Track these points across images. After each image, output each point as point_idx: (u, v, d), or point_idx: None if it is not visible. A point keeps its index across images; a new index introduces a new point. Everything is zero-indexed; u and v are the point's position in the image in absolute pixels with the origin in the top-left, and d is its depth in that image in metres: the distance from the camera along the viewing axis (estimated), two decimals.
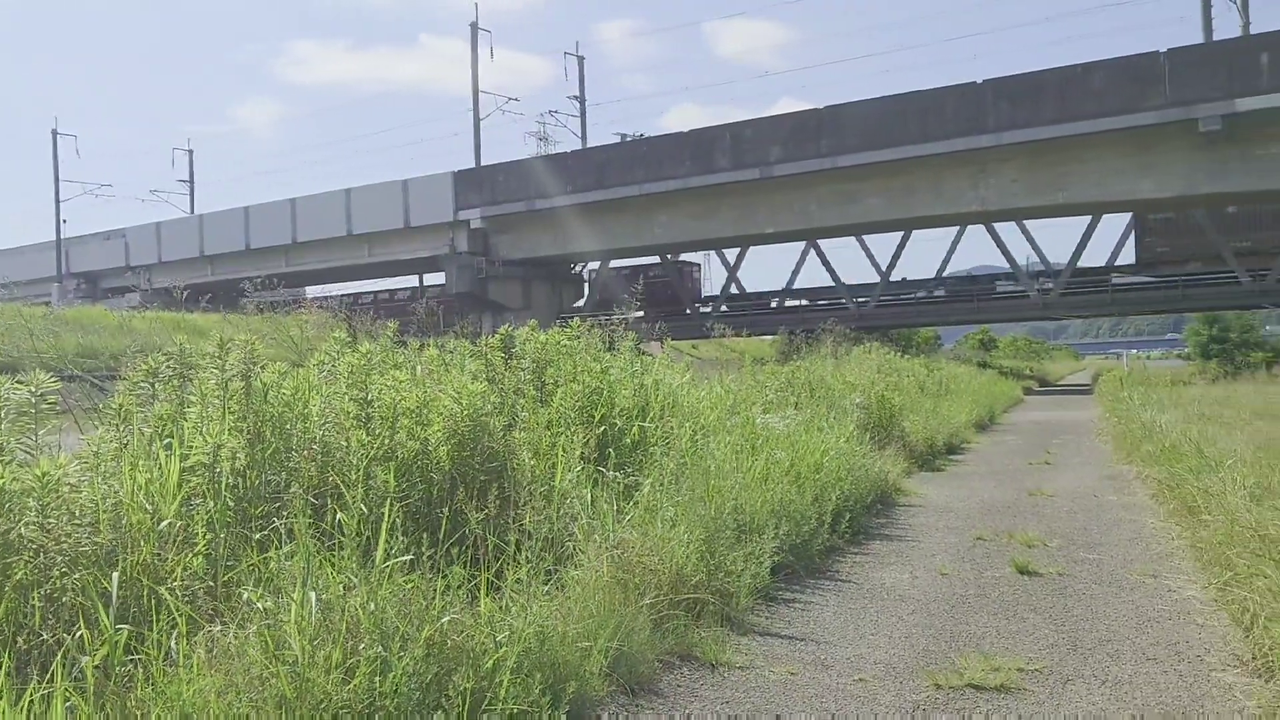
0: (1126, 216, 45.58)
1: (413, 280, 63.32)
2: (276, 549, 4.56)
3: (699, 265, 59.63)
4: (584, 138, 67.48)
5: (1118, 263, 47.25)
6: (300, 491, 5.04)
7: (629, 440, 8.10)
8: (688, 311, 53.00)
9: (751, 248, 53.69)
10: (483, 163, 58.45)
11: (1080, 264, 46.28)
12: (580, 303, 55.12)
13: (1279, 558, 5.69)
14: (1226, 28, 48.29)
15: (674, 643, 5.44)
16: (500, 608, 4.71)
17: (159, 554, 4.45)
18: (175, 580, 4.32)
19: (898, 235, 49.99)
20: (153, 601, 4.19)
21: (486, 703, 4.02)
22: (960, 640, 5.87)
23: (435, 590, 4.35)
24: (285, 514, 4.86)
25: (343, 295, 51.18)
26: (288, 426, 5.56)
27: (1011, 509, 10.85)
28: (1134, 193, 38.18)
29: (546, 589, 5.14)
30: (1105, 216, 45.04)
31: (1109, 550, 8.46)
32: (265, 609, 3.99)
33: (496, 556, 5.43)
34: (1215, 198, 39.31)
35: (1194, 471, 9.70)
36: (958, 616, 6.44)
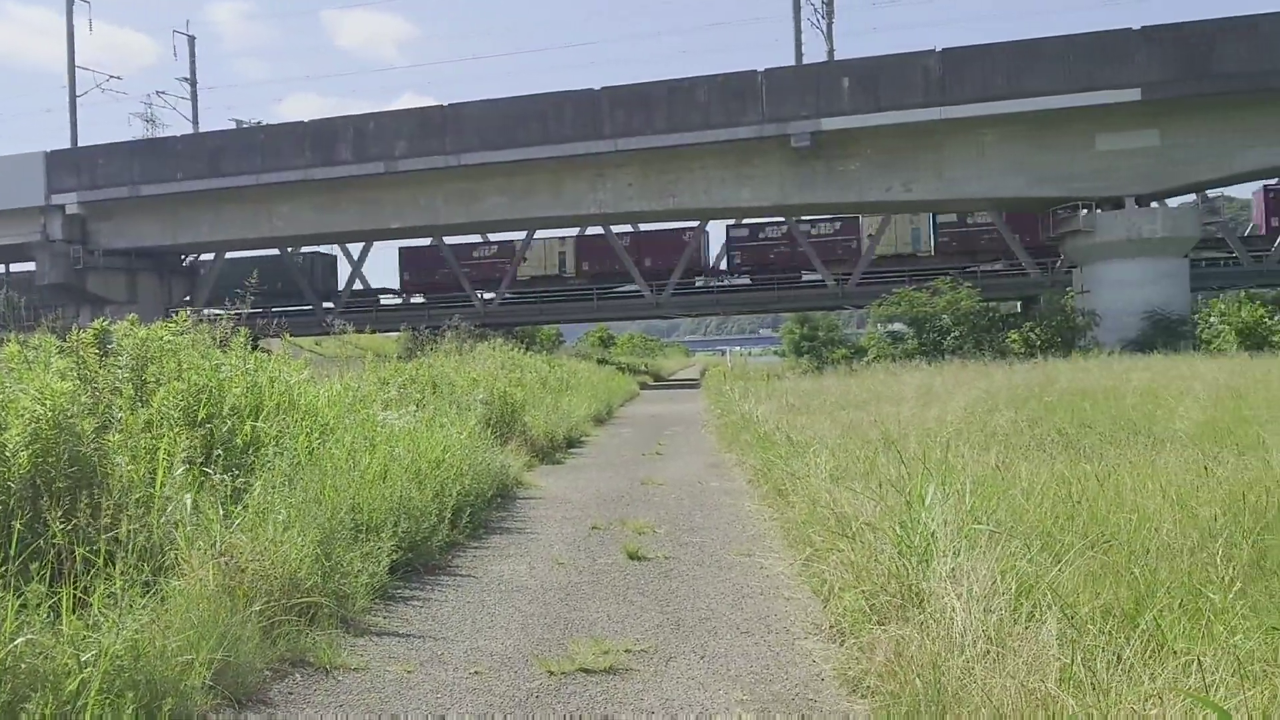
0: None
1: None
2: None
3: (334, 258, 57.70)
4: (196, 122, 63.74)
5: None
6: None
7: (240, 441, 7.73)
8: (309, 306, 51.32)
9: (378, 242, 52.73)
10: (81, 143, 53.65)
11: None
12: (193, 296, 51.84)
13: (852, 534, 6.32)
14: (815, 52, 53.00)
15: (286, 649, 5.27)
16: (89, 625, 4.35)
17: None
18: None
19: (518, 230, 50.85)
20: None
21: None
22: (574, 627, 6.09)
23: (8, 609, 3.95)
24: None
25: None
26: None
27: (625, 498, 11.37)
28: (735, 200, 41.19)
29: (144, 602, 4.80)
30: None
31: (710, 533, 9.08)
32: None
33: (86, 570, 5.00)
34: (804, 208, 43.26)
35: (783, 458, 10.59)
36: (572, 604, 6.67)
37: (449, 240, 52.32)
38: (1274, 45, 34.33)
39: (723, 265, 52.63)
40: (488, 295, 51.38)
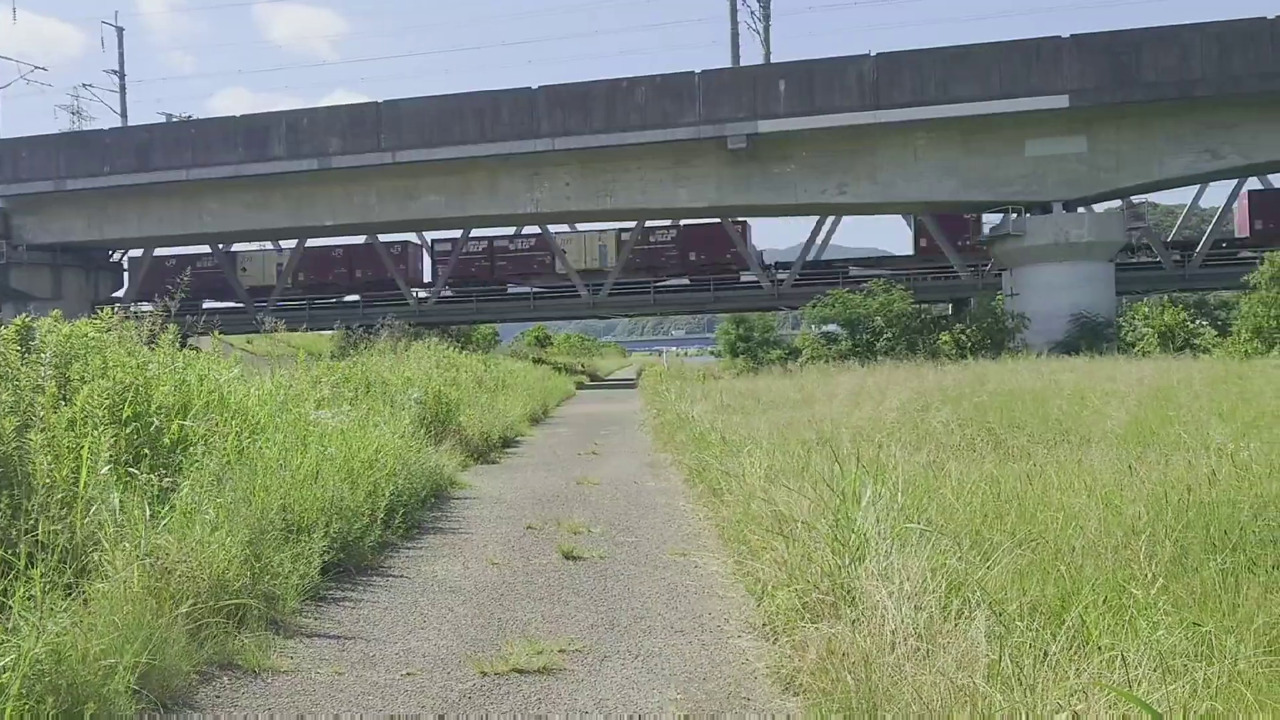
0: None
1: None
2: None
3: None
4: (124, 115, 62.47)
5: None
6: None
7: (168, 439, 7.59)
8: (240, 304, 50.57)
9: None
10: (4, 136, 52.27)
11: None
12: (120, 293, 50.78)
13: (786, 533, 6.35)
14: (753, 55, 53.19)
15: (213, 652, 5.17)
16: (7, 628, 4.23)
17: None
18: None
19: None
20: None
21: None
22: (508, 628, 6.06)
23: None
24: None
25: None
26: None
27: (561, 498, 11.34)
28: (673, 201, 41.27)
29: (66, 604, 4.68)
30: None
31: (646, 533, 9.09)
32: None
33: (5, 572, 4.87)
34: (742, 209, 43.50)
35: (719, 457, 10.62)
36: (506, 604, 6.63)
37: (179, 250, 53.71)
38: (1197, 55, 35.18)
39: (427, 278, 55.05)
40: (213, 304, 51.71)
